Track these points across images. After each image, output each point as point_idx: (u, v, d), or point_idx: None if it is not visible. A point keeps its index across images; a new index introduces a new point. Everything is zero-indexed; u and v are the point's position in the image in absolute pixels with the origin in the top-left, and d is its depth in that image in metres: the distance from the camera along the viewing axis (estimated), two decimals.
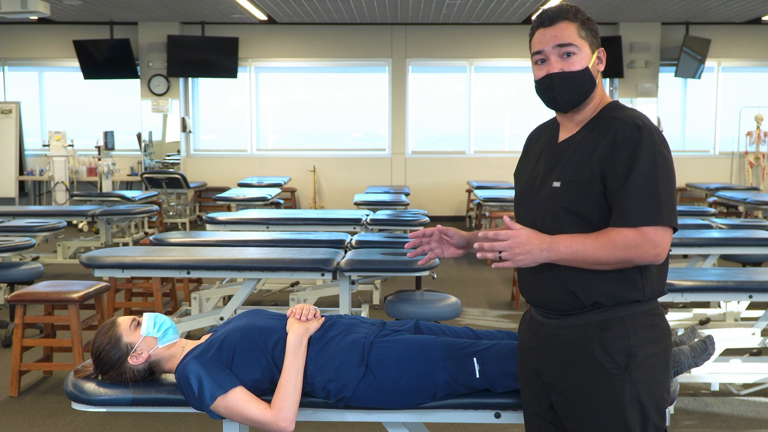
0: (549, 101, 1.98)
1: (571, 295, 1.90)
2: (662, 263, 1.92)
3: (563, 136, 2.01)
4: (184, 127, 11.51)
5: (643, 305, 1.91)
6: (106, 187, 10.28)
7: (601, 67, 1.98)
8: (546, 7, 1.99)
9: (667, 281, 3.57)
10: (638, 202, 1.81)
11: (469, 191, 10.90)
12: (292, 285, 5.92)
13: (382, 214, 5.94)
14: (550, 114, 2.11)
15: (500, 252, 1.82)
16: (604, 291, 1.87)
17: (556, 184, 1.92)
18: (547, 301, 1.96)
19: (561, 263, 1.86)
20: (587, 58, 1.93)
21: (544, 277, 1.93)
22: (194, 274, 3.99)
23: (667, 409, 1.96)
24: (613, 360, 1.86)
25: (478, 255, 1.86)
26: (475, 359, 2.27)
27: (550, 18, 1.94)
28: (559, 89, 1.94)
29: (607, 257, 1.82)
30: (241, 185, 9.82)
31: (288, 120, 12.11)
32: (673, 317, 4.84)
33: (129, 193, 8.75)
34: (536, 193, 1.98)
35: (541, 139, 2.09)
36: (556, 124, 2.06)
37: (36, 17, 9.67)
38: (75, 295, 4.09)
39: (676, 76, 11.15)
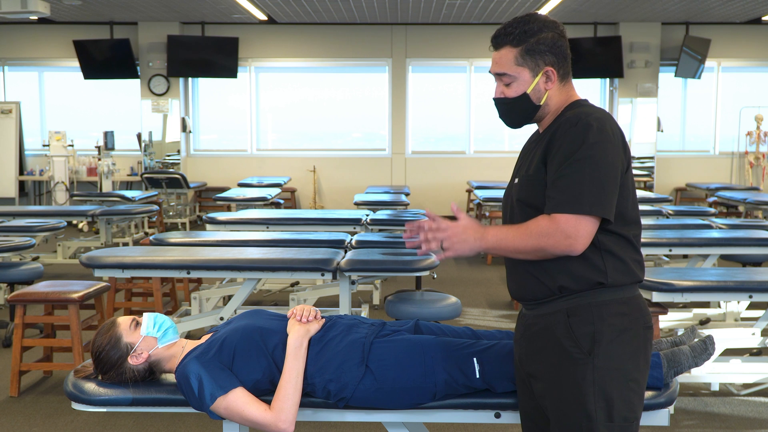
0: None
1: (537, 281, 1.97)
2: (629, 248, 1.96)
3: (540, 130, 2.11)
4: (184, 127, 11.51)
5: (612, 292, 1.94)
6: (106, 187, 10.28)
7: (551, 85, 2.01)
8: (500, 27, 2.03)
9: (667, 281, 3.62)
10: (560, 191, 1.87)
11: (469, 191, 10.90)
12: (292, 285, 5.92)
13: (382, 214, 5.93)
14: None
15: (443, 241, 1.94)
16: (566, 272, 1.92)
17: (516, 180, 2.06)
18: (522, 292, 2.04)
19: (491, 252, 1.96)
20: (526, 83, 2.00)
21: (515, 268, 2.03)
22: (194, 274, 3.99)
23: (641, 401, 1.96)
24: (577, 344, 1.91)
25: (423, 246, 1.95)
26: (475, 359, 2.27)
27: (496, 43, 2.04)
28: (501, 112, 2.10)
29: (523, 245, 1.90)
30: (241, 185, 9.81)
31: (288, 120, 12.11)
32: (673, 317, 4.84)
33: (129, 193, 8.74)
34: (510, 190, 2.11)
35: (530, 142, 2.16)
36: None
37: (36, 17, 9.67)
38: (75, 295, 4.09)
39: (676, 76, 11.15)
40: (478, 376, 2.26)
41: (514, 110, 2.05)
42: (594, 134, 1.88)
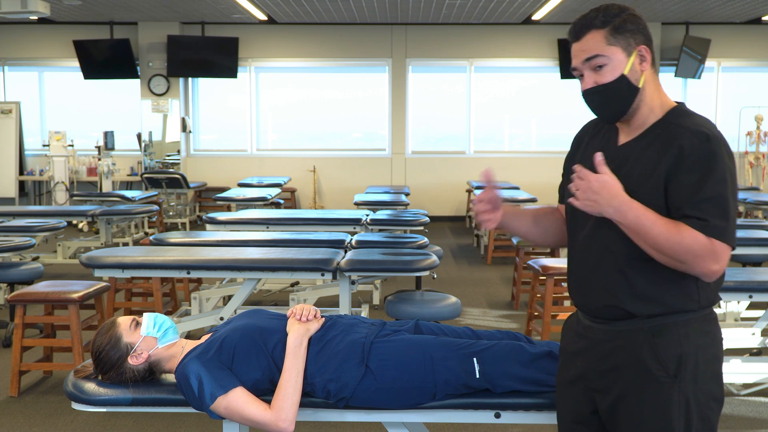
0: (596, 115, 1.96)
1: (622, 305, 1.85)
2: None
3: (623, 139, 1.93)
4: (184, 127, 11.51)
5: (697, 312, 1.86)
6: (106, 187, 10.28)
7: (646, 66, 1.86)
8: (577, 18, 1.89)
9: None
10: (710, 215, 1.74)
11: (469, 191, 10.90)
12: (292, 285, 5.92)
13: (382, 214, 5.93)
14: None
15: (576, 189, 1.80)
16: (659, 301, 1.83)
17: None
18: (598, 309, 1.92)
19: (622, 226, 1.78)
20: (621, 64, 1.83)
21: (596, 283, 1.91)
22: (194, 274, 3.99)
23: (718, 419, 1.89)
24: (663, 367, 1.81)
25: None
26: (475, 359, 2.27)
27: (577, 32, 1.88)
28: (596, 104, 1.90)
29: (667, 247, 1.74)
30: (241, 185, 9.81)
31: (288, 120, 12.11)
32: None
33: (129, 193, 8.74)
34: None
35: (597, 136, 2.01)
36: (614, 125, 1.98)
37: (36, 17, 9.66)
38: (75, 295, 4.09)
39: (676, 76, 11.14)
40: (478, 376, 2.26)
41: (611, 97, 1.85)
42: (726, 157, 1.77)
